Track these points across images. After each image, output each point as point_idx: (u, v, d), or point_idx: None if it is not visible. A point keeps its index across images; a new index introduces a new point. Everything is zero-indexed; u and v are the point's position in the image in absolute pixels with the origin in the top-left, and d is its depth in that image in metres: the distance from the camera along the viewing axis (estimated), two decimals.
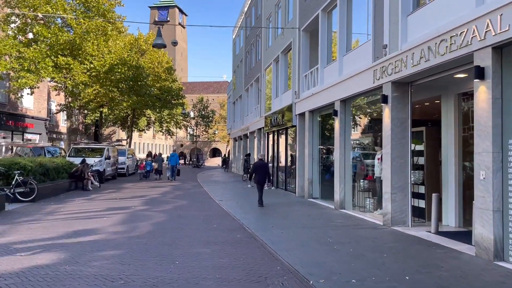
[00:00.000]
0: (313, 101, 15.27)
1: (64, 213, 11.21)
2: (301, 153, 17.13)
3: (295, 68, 17.80)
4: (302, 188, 16.93)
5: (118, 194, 16.97)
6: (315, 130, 15.96)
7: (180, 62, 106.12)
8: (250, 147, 29.77)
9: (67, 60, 20.61)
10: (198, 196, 16.97)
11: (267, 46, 23.95)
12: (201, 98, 60.34)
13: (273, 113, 21.25)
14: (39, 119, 33.67)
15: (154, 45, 15.62)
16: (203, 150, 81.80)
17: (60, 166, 17.11)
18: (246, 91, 31.68)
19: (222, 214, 11.88)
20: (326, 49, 14.58)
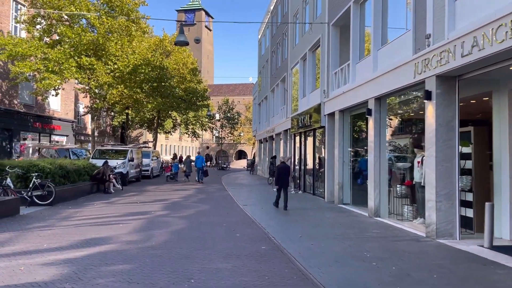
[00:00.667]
0: (343, 100, 14.24)
1: (80, 218, 10.63)
2: (330, 155, 16.10)
3: (323, 66, 16.80)
4: (332, 193, 15.89)
5: (139, 197, 16.41)
6: (345, 131, 14.91)
7: (206, 64, 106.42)
8: (276, 149, 28.86)
9: (90, 60, 20.31)
10: (221, 200, 16.21)
11: (294, 44, 23.02)
12: (226, 99, 59.87)
13: (300, 113, 20.30)
14: (66, 121, 33.88)
15: (177, 42, 14.97)
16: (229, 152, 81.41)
17: (82, 168, 16.71)
18: (272, 92, 30.81)
19: (245, 221, 11.04)
20: (358, 43, 13.54)
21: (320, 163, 18.24)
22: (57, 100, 32.70)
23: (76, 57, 20.22)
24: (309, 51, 19.24)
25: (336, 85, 15.43)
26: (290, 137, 23.97)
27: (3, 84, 25.38)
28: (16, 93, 27.12)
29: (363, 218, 11.64)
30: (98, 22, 20.35)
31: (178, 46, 15.24)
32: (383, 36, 11.78)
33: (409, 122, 11.59)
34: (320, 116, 16.77)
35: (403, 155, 11.73)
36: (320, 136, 18.03)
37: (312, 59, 19.29)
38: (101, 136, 46.22)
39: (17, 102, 27.33)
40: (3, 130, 26.32)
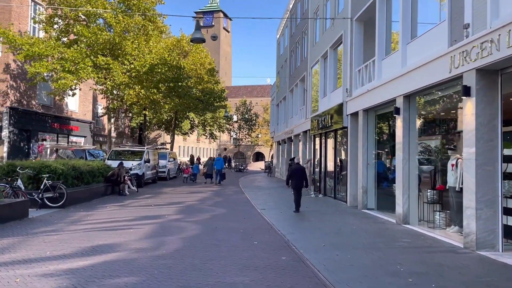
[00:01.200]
0: (368, 98, 13.42)
1: (90, 223, 10.12)
2: (353, 157, 15.28)
3: (346, 63, 16.00)
4: (355, 197, 15.06)
5: (154, 200, 15.90)
6: (370, 132, 14.07)
7: (224, 66, 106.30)
8: (294, 151, 28.08)
9: (106, 60, 19.98)
10: (238, 203, 15.56)
11: (314, 43, 22.25)
12: (244, 100, 59.33)
13: (320, 114, 19.51)
14: (84, 122, 33.84)
15: (193, 39, 14.44)
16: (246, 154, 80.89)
17: (96, 170, 16.30)
18: (290, 92, 30.07)
19: (264, 227, 10.34)
20: (384, 38, 12.71)
21: (341, 166, 17.43)
22: (75, 101, 32.69)
23: (92, 57, 19.92)
24: (330, 48, 18.46)
25: (359, 83, 14.62)
26: (309, 138, 23.18)
27: (21, 84, 25.37)
28: (34, 94, 27.11)
29: (390, 225, 10.81)
30: (114, 21, 20.01)
31: (194, 43, 14.68)
32: (413, 29, 10.94)
33: (441, 121, 10.71)
34: (342, 116, 15.97)
35: (435, 157, 10.86)
36: (342, 137, 17.22)
37: (333, 56, 18.50)
38: (120, 137, 46.25)
39: (35, 103, 27.32)
40: (21, 131, 26.31)
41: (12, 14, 24.82)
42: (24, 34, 21.61)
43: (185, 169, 27.85)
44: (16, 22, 24.86)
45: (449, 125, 10.43)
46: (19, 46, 20.71)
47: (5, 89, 24.56)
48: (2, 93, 24.47)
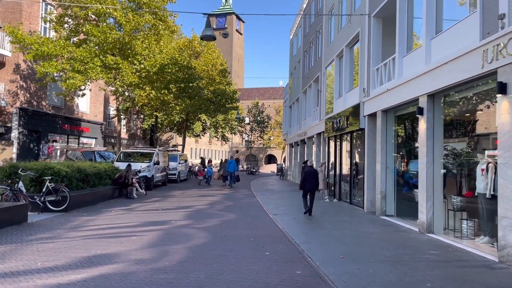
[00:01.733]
0: (387, 98, 12.64)
1: (91, 228, 9.54)
2: (370, 161, 14.49)
3: (363, 62, 15.23)
4: (372, 202, 14.26)
5: (162, 203, 15.31)
6: (389, 134, 13.28)
7: (236, 68, 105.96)
8: (308, 154, 27.30)
9: (115, 59, 19.52)
10: (249, 208, 14.88)
11: (329, 42, 21.50)
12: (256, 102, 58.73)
13: (335, 115, 18.74)
14: (95, 123, 33.58)
15: (202, 36, 13.83)
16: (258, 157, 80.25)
17: (103, 172, 15.80)
18: (303, 93, 29.32)
19: (276, 234, 9.64)
20: (405, 33, 11.93)
21: (357, 169, 16.64)
22: (86, 102, 32.46)
23: (101, 56, 19.48)
24: (346, 47, 17.70)
25: (378, 83, 13.84)
26: (323, 140, 22.42)
27: (32, 85, 25.13)
28: (45, 95, 26.87)
29: (413, 235, 10.00)
30: (124, 20, 19.55)
31: (204, 40, 14.07)
32: (438, 23, 10.15)
33: (469, 122, 9.89)
34: (359, 118, 15.19)
35: (461, 161, 10.03)
36: (358, 140, 16.43)
37: (349, 55, 17.73)
38: (131, 139, 46.02)
39: (45, 104, 27.07)
40: (31, 132, 26.07)
41: (23, 14, 24.61)
42: (33, 34, 21.26)
43: (199, 172, 27.48)
44: (27, 22, 24.65)
45: (478, 126, 9.61)
46: (28, 45, 20.41)
47: (15, 90, 24.33)
48: (12, 93, 24.25)
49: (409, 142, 12.70)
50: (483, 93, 8.74)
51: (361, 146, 16.07)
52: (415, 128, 12.04)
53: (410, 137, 12.69)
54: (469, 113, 9.69)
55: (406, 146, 12.94)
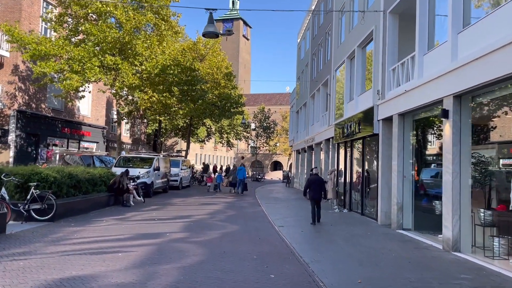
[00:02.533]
0: (405, 100, 11.55)
1: (74, 242, 8.50)
2: (385, 169, 13.37)
3: (377, 62, 14.17)
4: (387, 214, 13.12)
5: (160, 212, 14.27)
6: (407, 139, 12.16)
7: (243, 74, 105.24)
8: (315, 161, 26.18)
9: (115, 59, 18.60)
10: (253, 218, 13.80)
11: (339, 43, 20.47)
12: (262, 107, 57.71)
13: (345, 120, 17.66)
14: (97, 127, 32.71)
15: (205, 33, 12.86)
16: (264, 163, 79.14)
17: (97, 177, 14.81)
18: (311, 98, 28.26)
19: (282, 251, 8.55)
20: (426, 29, 10.86)
21: (369, 178, 15.52)
22: (87, 105, 31.64)
23: (100, 56, 18.58)
24: (358, 47, 16.65)
25: (394, 84, 12.75)
26: (332, 147, 21.31)
27: (30, 87, 24.32)
28: (44, 97, 26.06)
29: (437, 253, 8.86)
30: (124, 18, 18.66)
31: (207, 38, 13.10)
32: (465, 15, 9.08)
33: (501, 126, 8.77)
34: (372, 122, 14.09)
35: (491, 170, 8.90)
36: (371, 146, 15.32)
37: (361, 56, 16.67)
38: (135, 144, 45.17)
39: (45, 106, 26.25)
40: (29, 135, 25.22)
41: (23, 13, 23.87)
42: (31, 33, 20.44)
43: (208, 178, 26.73)
44: (26, 22, 23.90)
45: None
46: (25, 45, 19.60)
47: (13, 91, 23.53)
48: (9, 95, 23.45)
49: (430, 149, 11.57)
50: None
51: (374, 153, 14.96)
52: (437, 133, 10.94)
53: (431, 143, 11.57)
54: (501, 116, 8.58)
55: (426, 153, 11.81)
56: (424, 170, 11.84)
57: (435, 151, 11.22)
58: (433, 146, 11.32)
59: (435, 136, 11.12)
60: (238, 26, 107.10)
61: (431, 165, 11.55)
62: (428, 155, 11.69)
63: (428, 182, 11.61)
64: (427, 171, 11.75)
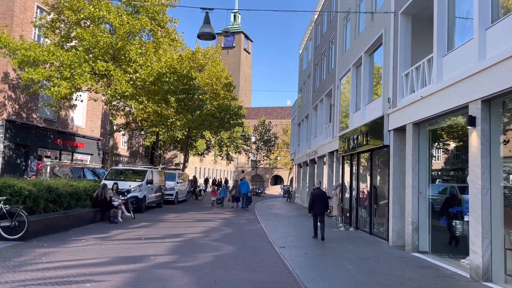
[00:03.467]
0: (421, 108, 10.39)
1: (39, 268, 7.23)
2: (397, 184, 12.14)
3: (387, 68, 13.05)
4: (400, 234, 11.85)
5: (148, 230, 12.99)
6: (422, 151, 10.95)
7: (244, 87, 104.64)
8: (318, 175, 24.93)
9: (107, 65, 17.51)
10: (251, 237, 12.53)
11: (344, 51, 19.43)
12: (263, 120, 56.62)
13: (351, 131, 16.49)
14: (92, 138, 31.50)
15: (200, 34, 11.80)
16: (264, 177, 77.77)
17: (82, 191, 13.58)
18: (314, 109, 27.14)
19: (284, 280, 7.27)
20: (446, 27, 9.76)
21: (376, 193, 14.28)
22: (82, 115, 30.56)
23: (91, 62, 17.51)
24: (365, 54, 15.57)
25: (407, 90, 11.60)
26: (336, 160, 20.09)
27: (21, 96, 23.25)
28: (36, 107, 25.00)
29: (465, 283, 7.57)
30: (118, 22, 17.65)
31: (202, 39, 12.03)
32: (494, 8, 7.96)
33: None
34: (382, 133, 12.91)
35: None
36: (380, 159, 14.11)
37: (368, 63, 15.59)
38: (133, 157, 44.00)
39: (36, 116, 25.16)
40: (19, 146, 24.08)
41: (15, 20, 22.95)
42: (20, 38, 19.44)
43: (212, 192, 25.89)
44: (19, 28, 22.98)
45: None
46: (13, 51, 18.59)
47: (2, 100, 22.46)
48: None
49: (450, 162, 10.35)
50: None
51: (383, 166, 13.74)
52: (458, 143, 9.74)
53: (451, 155, 10.36)
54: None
55: (446, 166, 10.58)
56: (442, 186, 10.61)
57: (456, 165, 10.01)
58: (453, 158, 10.11)
59: (457, 147, 9.92)
60: (239, 39, 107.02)
61: (451, 180, 10.33)
62: (448, 169, 10.47)
63: (447, 199, 10.37)
64: (445, 186, 10.52)
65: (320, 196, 12.59)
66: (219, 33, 52.79)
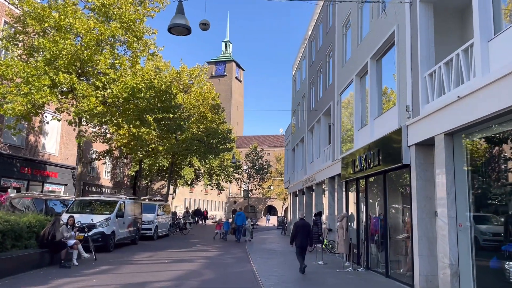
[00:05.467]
0: (456, 112, 7.91)
1: None
2: (423, 213, 9.53)
3: (403, 69, 10.68)
4: (429, 279, 9.15)
5: (105, 278, 10.08)
6: (459, 169, 8.38)
7: (235, 116, 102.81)
8: (316, 204, 22.19)
9: (70, 78, 14.96)
10: (239, 283, 9.70)
11: (344, 62, 17.19)
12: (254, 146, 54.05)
13: (356, 151, 13.97)
14: (65, 167, 28.61)
15: (171, 26, 9.43)
16: (257, 208, 74.47)
17: (24, 228, 10.72)
18: (310, 132, 24.70)
19: None
20: (490, 4, 7.40)
21: (393, 225, 11.64)
22: (55, 142, 27.81)
23: (52, 74, 14.95)
24: (372, 59, 13.25)
25: (434, 93, 9.14)
26: (338, 186, 17.45)
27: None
28: (0, 131, 22.27)
29: None
30: (83, 29, 15.26)
31: (174, 34, 9.61)
32: None
33: None
34: (400, 150, 10.36)
35: None
36: (398, 182, 11.53)
37: (375, 70, 13.25)
38: (117, 188, 40.84)
39: (0, 143, 22.39)
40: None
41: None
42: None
43: (216, 225, 24.70)
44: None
45: None
46: None
47: None
48: None
49: (500, 182, 7.75)
50: None
51: (402, 191, 11.15)
52: None
53: (501, 174, 7.76)
54: None
55: (494, 189, 7.96)
56: (491, 215, 7.99)
57: (510, 186, 7.42)
58: (507, 179, 7.53)
59: (509, 160, 7.38)
60: (230, 68, 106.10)
61: (501, 207, 7.72)
62: (496, 193, 7.87)
63: (499, 232, 7.72)
64: (494, 216, 7.90)
65: (304, 228, 11.99)
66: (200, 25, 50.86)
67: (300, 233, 11.89)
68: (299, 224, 12.11)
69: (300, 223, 12.19)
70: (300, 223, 12.19)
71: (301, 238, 11.87)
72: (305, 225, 12.13)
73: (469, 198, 8.20)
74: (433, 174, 9.47)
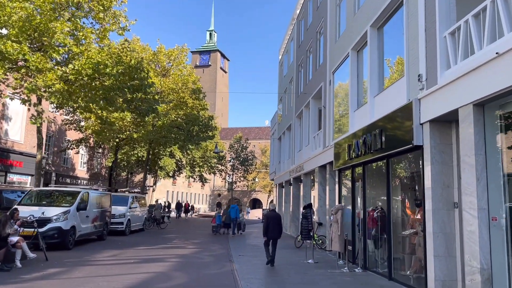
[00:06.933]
0: (490, 76, 6.14)
1: None
2: (438, 204, 7.80)
3: (415, 31, 8.88)
4: (447, 285, 7.45)
5: (44, 286, 8.10)
6: (491, 149, 6.64)
7: (220, 107, 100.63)
8: (305, 195, 20.42)
9: (20, 48, 12.75)
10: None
11: (337, 36, 15.36)
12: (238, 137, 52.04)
13: (353, 134, 12.17)
14: (32, 155, 26.18)
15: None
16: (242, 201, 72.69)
17: None
18: (298, 118, 22.89)
19: None
20: None
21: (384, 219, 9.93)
22: (20, 129, 25.43)
23: (0, 44, 12.71)
24: (372, 28, 11.43)
25: (459, 55, 7.35)
26: (330, 175, 15.70)
27: None
28: None
29: None
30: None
31: None
32: None
33: None
34: (409, 128, 8.58)
35: None
36: (406, 167, 9.80)
37: (376, 40, 11.44)
38: (94, 179, 38.52)
39: None
40: None
41: None
42: None
43: (212, 219, 23.97)
44: None
45: None
46: None
47: None
48: None
49: None
50: None
51: (411, 178, 9.42)
52: None
53: None
54: None
55: None
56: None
57: None
58: None
59: None
60: (215, 58, 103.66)
61: None
62: None
63: None
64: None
65: (275, 219, 11.89)
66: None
67: (271, 224, 11.73)
68: (270, 216, 11.97)
69: (271, 214, 12.06)
70: (271, 214, 12.06)
71: (273, 229, 11.73)
72: (276, 217, 12.00)
73: (505, 185, 6.46)
74: (451, 157, 7.77)
